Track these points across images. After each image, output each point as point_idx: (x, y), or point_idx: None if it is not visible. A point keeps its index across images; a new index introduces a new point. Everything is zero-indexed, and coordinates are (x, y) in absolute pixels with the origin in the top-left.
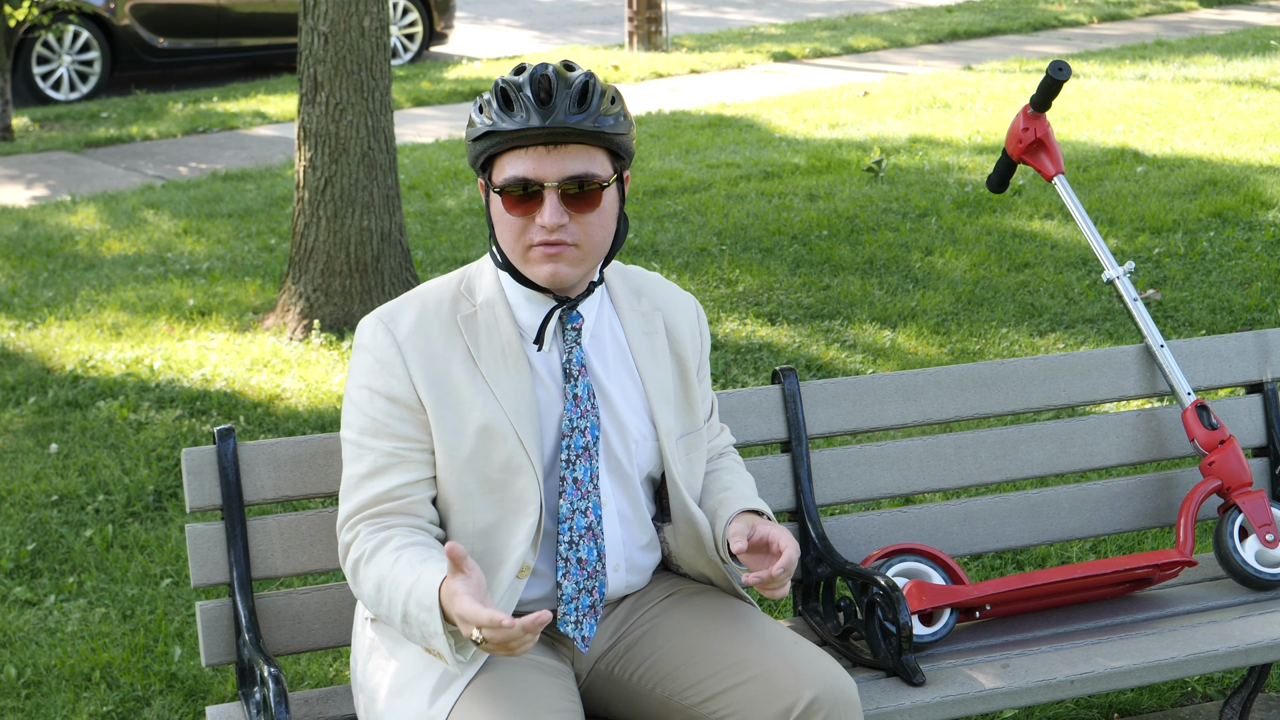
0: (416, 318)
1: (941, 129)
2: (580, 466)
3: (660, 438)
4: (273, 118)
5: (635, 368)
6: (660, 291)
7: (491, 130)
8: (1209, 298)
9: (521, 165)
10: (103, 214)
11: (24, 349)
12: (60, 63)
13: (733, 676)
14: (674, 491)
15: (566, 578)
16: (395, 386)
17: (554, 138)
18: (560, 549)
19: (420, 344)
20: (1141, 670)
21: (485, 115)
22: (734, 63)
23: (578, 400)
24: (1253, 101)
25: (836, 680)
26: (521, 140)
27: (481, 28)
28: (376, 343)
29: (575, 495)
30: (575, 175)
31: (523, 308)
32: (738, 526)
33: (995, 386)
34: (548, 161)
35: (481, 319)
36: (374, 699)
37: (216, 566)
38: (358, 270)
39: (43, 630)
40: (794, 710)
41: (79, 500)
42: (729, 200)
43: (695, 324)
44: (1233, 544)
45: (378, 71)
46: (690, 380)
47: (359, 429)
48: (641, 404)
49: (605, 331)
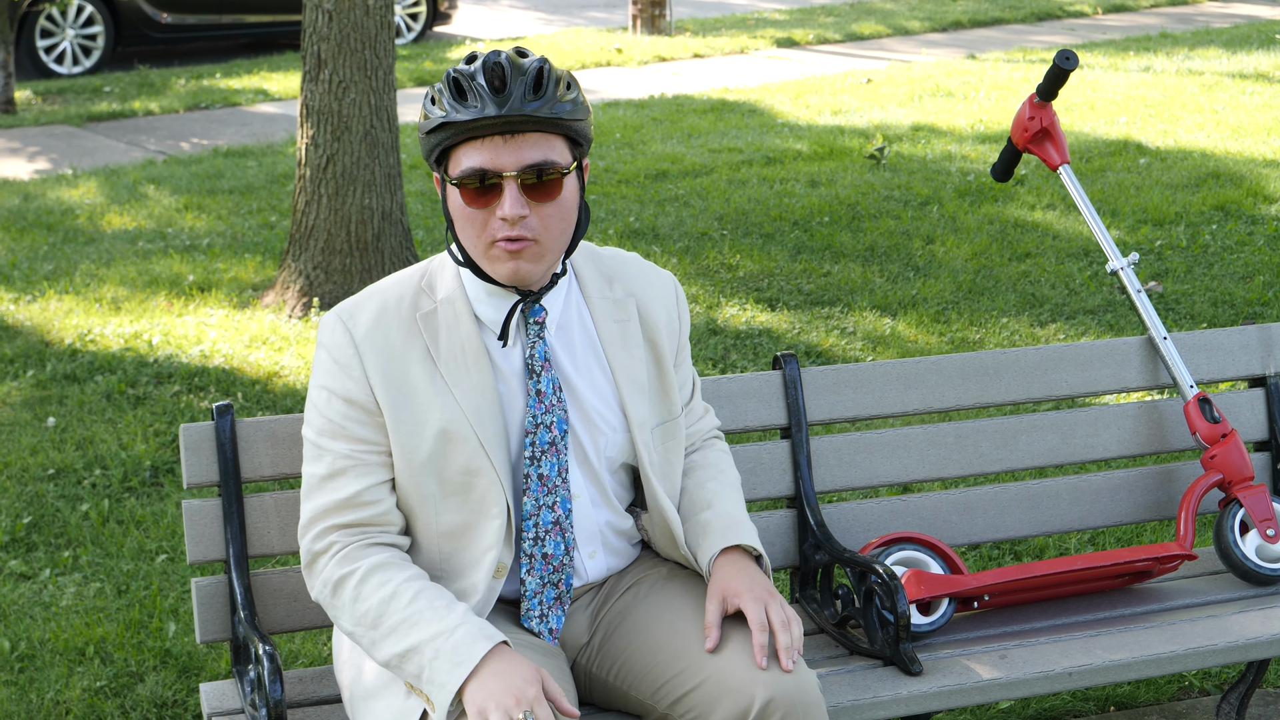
0: (376, 315)
1: (944, 117)
2: (546, 462)
3: (632, 429)
4: (275, 95)
5: (605, 357)
6: (634, 275)
7: (446, 121)
8: (1211, 291)
9: (478, 156)
10: (104, 188)
11: (23, 322)
12: (64, 36)
13: (693, 677)
14: (646, 483)
15: (530, 573)
16: (352, 388)
17: (510, 126)
18: (525, 545)
19: (379, 343)
20: (1139, 663)
21: (438, 106)
22: (737, 47)
23: (541, 396)
24: (1257, 95)
25: (794, 679)
26: (477, 130)
27: (485, 8)
28: (335, 341)
29: (540, 491)
30: (534, 164)
31: (484, 303)
32: (711, 607)
33: (997, 376)
34: (505, 151)
35: (441, 316)
36: (352, 701)
37: (213, 543)
38: (358, 249)
39: (37, 604)
40: (749, 712)
41: (76, 474)
42: (730, 185)
43: (673, 306)
44: (1233, 538)
45: (381, 50)
46: (665, 367)
47: (318, 429)
48: (611, 394)
49: (573, 321)
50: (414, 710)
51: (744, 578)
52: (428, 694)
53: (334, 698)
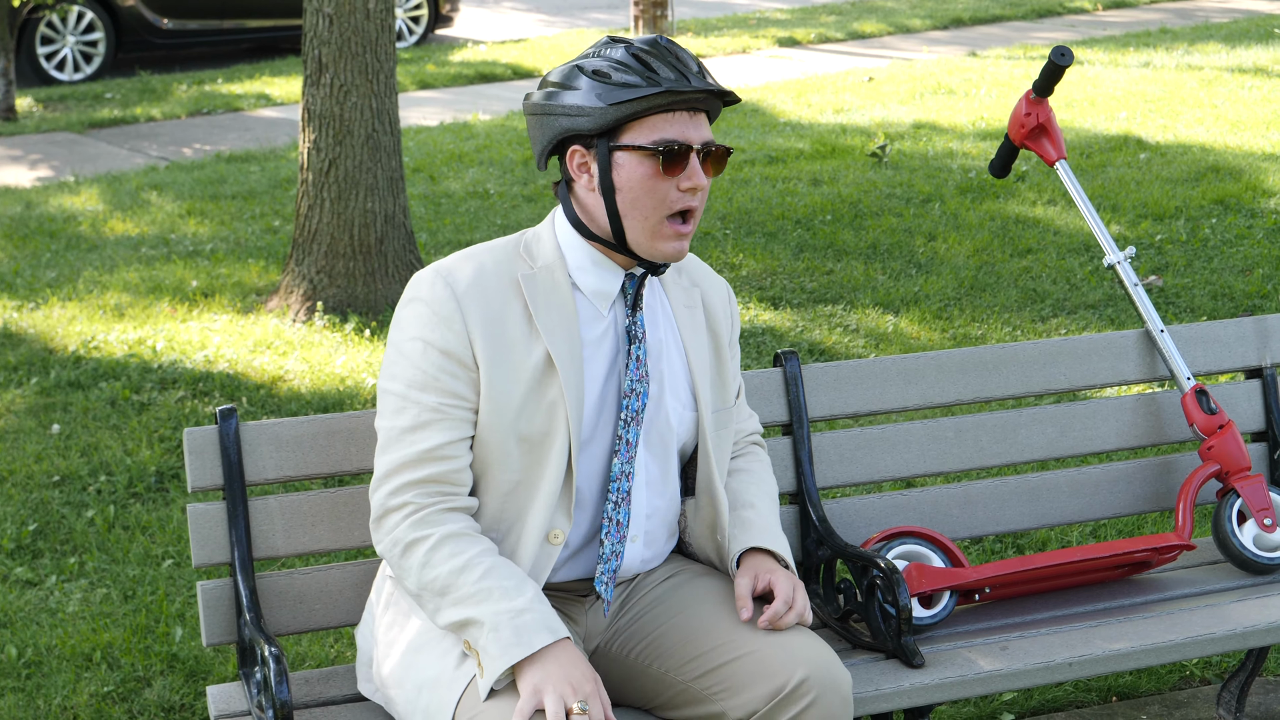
0: (475, 274)
1: (946, 115)
2: (633, 429)
3: (700, 408)
4: (277, 100)
5: (681, 340)
6: (696, 269)
7: (653, 89)
8: (1211, 284)
9: (671, 128)
10: (106, 195)
11: (26, 329)
12: (64, 43)
13: (726, 654)
14: (704, 464)
15: (608, 536)
16: (451, 341)
17: (699, 102)
18: (607, 507)
19: (479, 299)
20: (1139, 653)
21: (627, 74)
22: (739, 47)
23: (639, 363)
24: (1256, 89)
25: (829, 665)
26: (677, 102)
27: (487, 11)
28: (435, 295)
29: (625, 457)
30: (708, 140)
31: (587, 272)
32: (742, 582)
33: (996, 370)
34: (690, 126)
35: (540, 280)
36: (388, 653)
37: (218, 546)
38: (361, 252)
39: (44, 610)
40: (784, 689)
41: (80, 481)
42: (733, 184)
43: (727, 305)
44: (1231, 528)
45: (382, 54)
46: (724, 357)
47: (407, 381)
48: (685, 375)
49: (656, 303)
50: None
51: (774, 564)
52: (482, 660)
53: (340, 698)
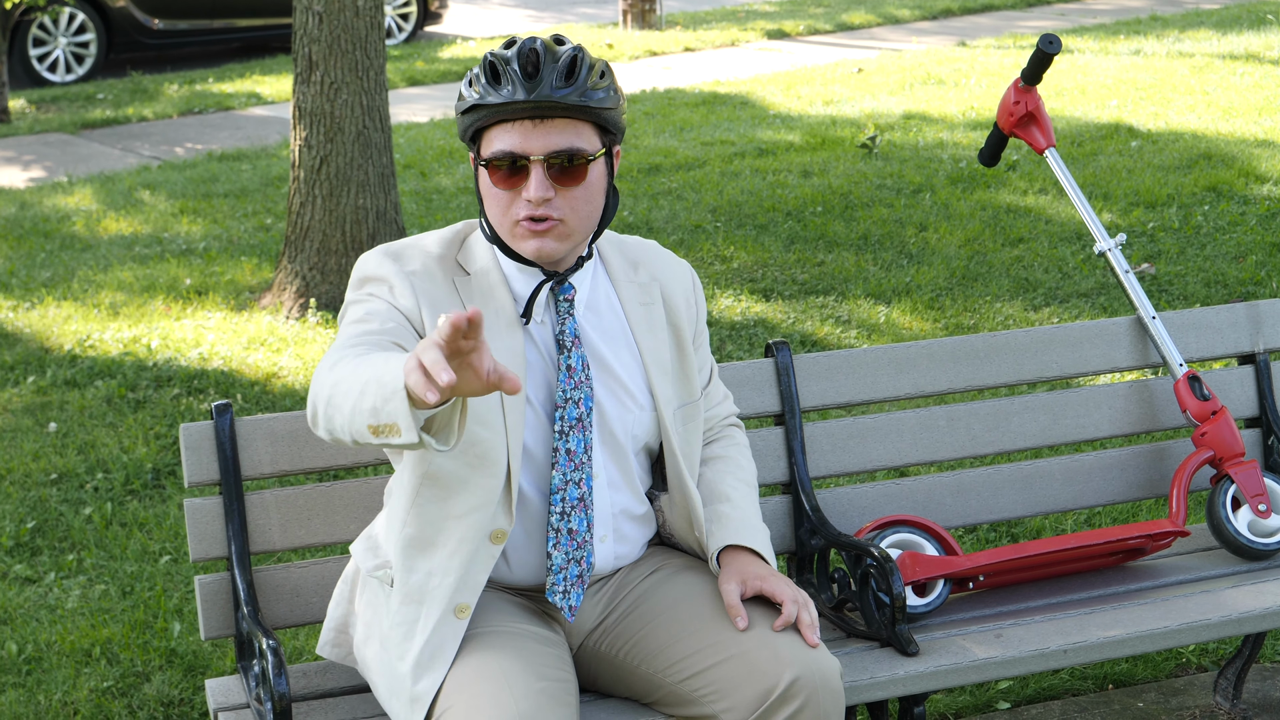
0: (422, 263)
1: (936, 105)
2: (573, 438)
3: (659, 408)
4: (268, 98)
5: (633, 339)
6: (656, 261)
7: (478, 103)
8: (1204, 271)
9: (508, 139)
10: (99, 195)
11: (22, 329)
12: (56, 44)
13: (712, 656)
14: (671, 462)
15: (556, 548)
16: (405, 303)
17: (540, 111)
18: (552, 519)
19: (425, 284)
20: (1135, 639)
21: (473, 88)
22: (728, 40)
23: (571, 371)
24: (1247, 76)
25: (818, 663)
26: (508, 114)
27: (476, 7)
28: (388, 270)
29: (569, 466)
30: (561, 150)
31: (516, 279)
32: (729, 589)
33: (988, 359)
34: (534, 135)
35: (476, 285)
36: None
37: (215, 541)
38: (353, 249)
39: (43, 607)
40: (774, 691)
41: (78, 478)
42: (723, 177)
43: (691, 292)
44: (1225, 514)
45: (372, 51)
46: (687, 350)
47: (358, 317)
48: (639, 375)
49: (602, 303)
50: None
51: (759, 565)
52: (395, 423)
53: (338, 690)
